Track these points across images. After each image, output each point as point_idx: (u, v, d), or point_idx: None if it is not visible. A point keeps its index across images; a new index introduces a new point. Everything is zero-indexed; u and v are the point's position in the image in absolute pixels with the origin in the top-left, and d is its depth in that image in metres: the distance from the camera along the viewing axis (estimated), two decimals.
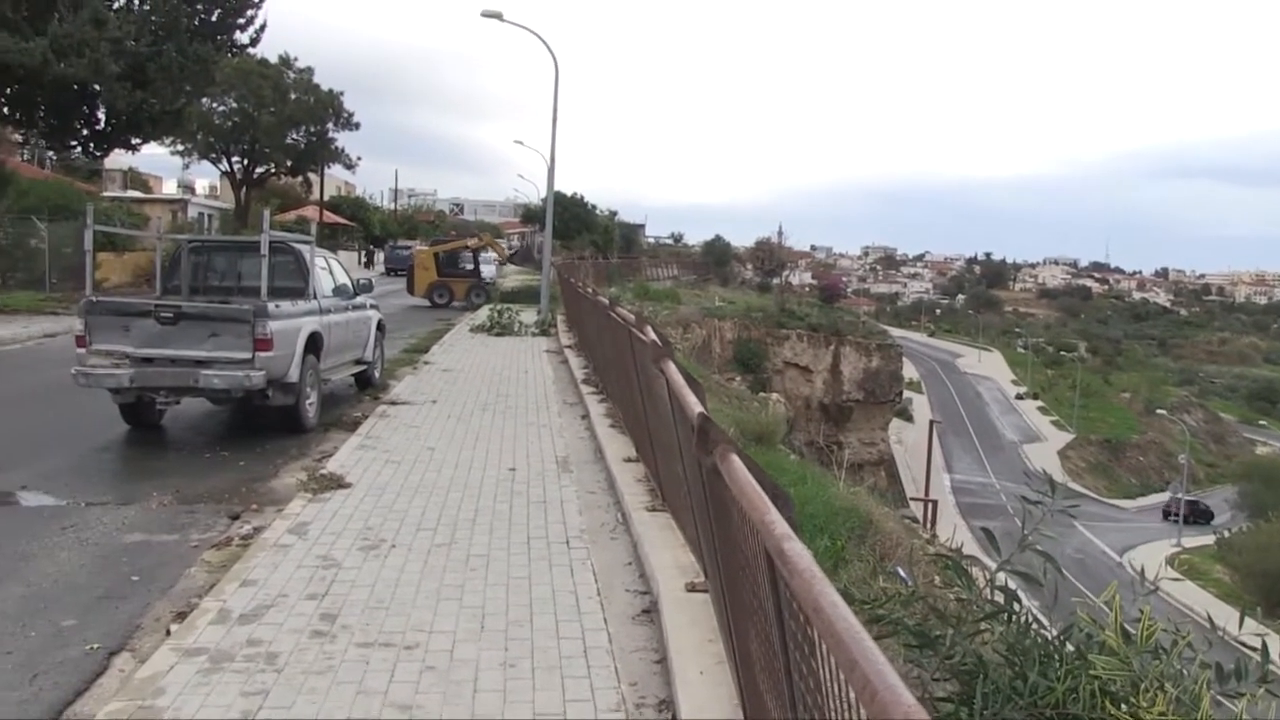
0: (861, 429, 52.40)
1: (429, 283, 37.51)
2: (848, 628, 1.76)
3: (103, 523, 8.11)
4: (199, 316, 11.26)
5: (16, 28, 24.72)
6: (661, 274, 69.26)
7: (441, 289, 37.61)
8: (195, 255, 13.65)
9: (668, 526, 7.22)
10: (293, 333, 11.69)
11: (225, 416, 13.14)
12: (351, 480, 9.13)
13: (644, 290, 45.33)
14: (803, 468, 13.21)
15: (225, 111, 55.04)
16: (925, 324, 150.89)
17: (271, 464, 10.44)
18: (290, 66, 57.45)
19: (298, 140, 58.15)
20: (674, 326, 32.43)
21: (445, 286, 37.74)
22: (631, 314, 10.51)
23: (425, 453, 10.59)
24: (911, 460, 62.26)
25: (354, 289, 14.67)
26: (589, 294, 17.77)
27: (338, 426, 12.41)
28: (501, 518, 8.05)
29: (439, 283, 37.65)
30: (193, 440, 11.84)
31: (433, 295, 37.18)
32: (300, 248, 13.27)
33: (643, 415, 8.54)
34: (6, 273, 30.19)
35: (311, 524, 7.66)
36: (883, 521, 9.94)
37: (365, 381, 15.54)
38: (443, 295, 37.42)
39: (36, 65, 24.45)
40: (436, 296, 37.20)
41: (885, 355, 54.22)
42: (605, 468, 9.92)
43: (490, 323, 26.37)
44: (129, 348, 11.18)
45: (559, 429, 12.36)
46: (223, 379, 11.00)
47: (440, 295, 37.36)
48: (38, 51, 24.31)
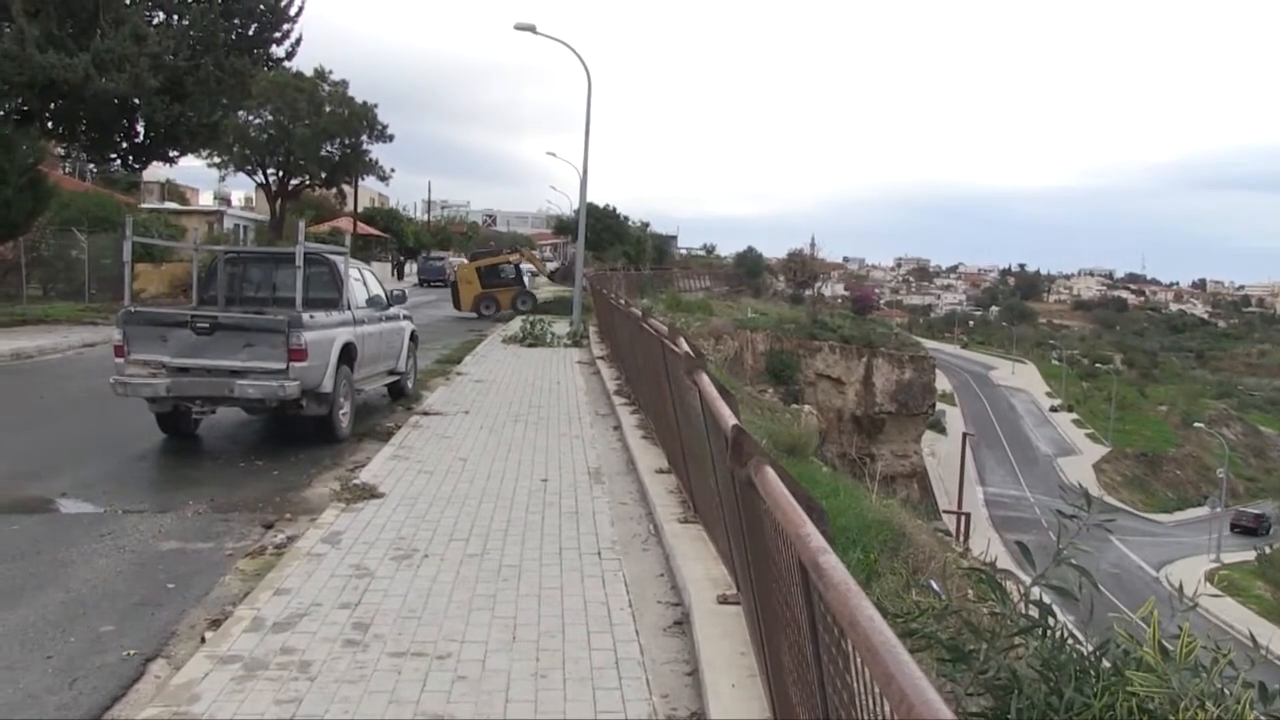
0: (894, 441, 52.12)
1: (474, 296, 37.87)
2: (884, 641, 1.75)
3: (140, 530, 8.19)
4: (234, 327, 11.36)
5: (62, 44, 25.13)
6: (693, 285, 69.21)
7: (488, 300, 37.93)
8: (231, 266, 13.77)
9: (699, 538, 7.20)
10: (327, 343, 11.77)
11: (260, 426, 13.23)
12: (384, 490, 9.17)
13: (676, 302, 45.29)
14: (835, 480, 13.16)
15: (261, 124, 55.55)
16: (958, 336, 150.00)
17: (305, 473, 10.50)
18: (325, 79, 57.97)
19: (332, 152, 58.59)
20: (706, 338, 32.37)
21: (491, 298, 38.07)
22: (664, 325, 10.50)
23: (458, 463, 10.62)
24: (944, 473, 61.86)
25: (387, 300, 14.76)
26: (621, 305, 17.79)
27: (371, 437, 12.46)
28: (533, 528, 8.05)
29: (484, 295, 37.97)
30: (228, 449, 11.94)
31: (480, 308, 37.51)
32: (334, 259, 13.36)
33: (675, 427, 8.53)
34: (48, 283, 30.63)
35: (344, 534, 7.70)
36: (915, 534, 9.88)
37: (398, 392, 15.61)
38: (489, 306, 37.73)
39: (79, 80, 24.85)
40: (484, 308, 37.51)
41: (918, 367, 53.91)
42: (637, 479, 9.91)
43: (522, 334, 26.44)
44: (166, 357, 11.30)
45: (591, 440, 12.36)
46: (257, 389, 11.08)
47: (487, 306, 37.67)
48: (80, 67, 24.71)
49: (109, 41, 25.55)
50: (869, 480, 16.18)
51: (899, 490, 34.24)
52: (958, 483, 53.61)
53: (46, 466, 10.43)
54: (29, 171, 24.41)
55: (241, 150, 55.26)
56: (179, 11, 29.05)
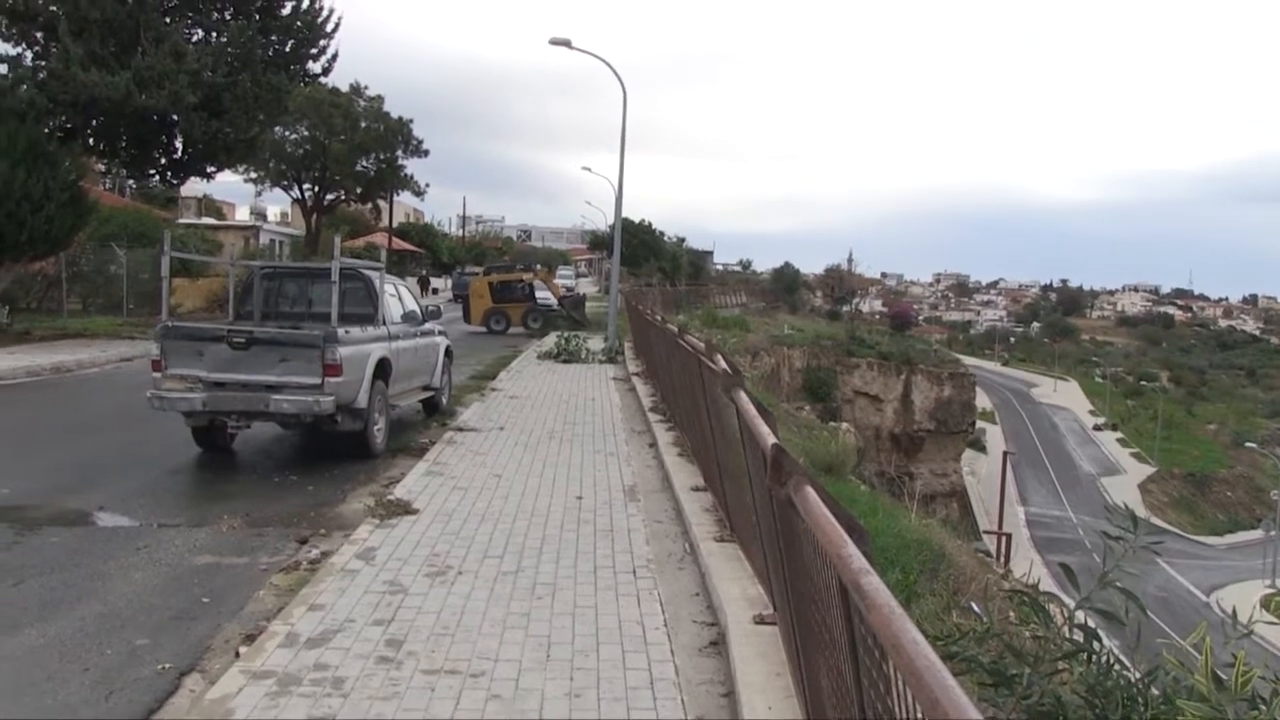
0: (933, 460, 51.79)
1: (485, 310, 37.98)
2: (929, 665, 1.73)
3: (175, 544, 8.27)
4: (270, 342, 11.46)
5: (104, 63, 25.58)
6: (730, 301, 69.22)
7: (498, 315, 38.04)
8: (267, 281, 13.91)
9: (736, 557, 7.18)
10: (362, 359, 11.86)
11: (295, 441, 13.34)
12: (419, 506, 9.20)
13: (712, 318, 45.30)
14: (873, 499, 13.09)
15: (297, 139, 56.13)
16: (999, 352, 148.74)
17: (339, 489, 10.57)
18: (361, 94, 58.53)
19: (367, 167, 59.11)
20: (742, 354, 32.31)
21: (501, 313, 38.18)
22: (700, 342, 10.49)
23: (492, 480, 10.65)
24: (985, 492, 61.32)
25: (422, 315, 14.85)
26: (657, 321, 17.80)
27: (405, 452, 12.53)
28: (568, 546, 8.06)
29: (495, 309, 38.08)
30: (262, 464, 12.04)
31: (489, 322, 37.64)
32: (370, 274, 13.47)
33: (711, 444, 8.51)
34: (87, 298, 31.10)
35: (379, 550, 7.73)
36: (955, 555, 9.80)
37: (433, 408, 15.69)
38: (499, 321, 37.85)
39: (120, 98, 25.30)
40: (493, 323, 37.64)
41: (958, 384, 53.60)
42: (673, 496, 9.89)
43: (557, 350, 26.50)
44: (202, 372, 11.43)
45: (626, 457, 12.37)
46: (292, 404, 11.18)
47: (497, 321, 37.80)
48: (121, 85, 25.15)
49: (149, 59, 25.98)
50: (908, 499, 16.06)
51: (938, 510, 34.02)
52: (998, 502, 53.12)
53: (84, 480, 10.57)
54: (71, 188, 24.82)
55: (277, 165, 55.88)
56: (217, 29, 29.48)
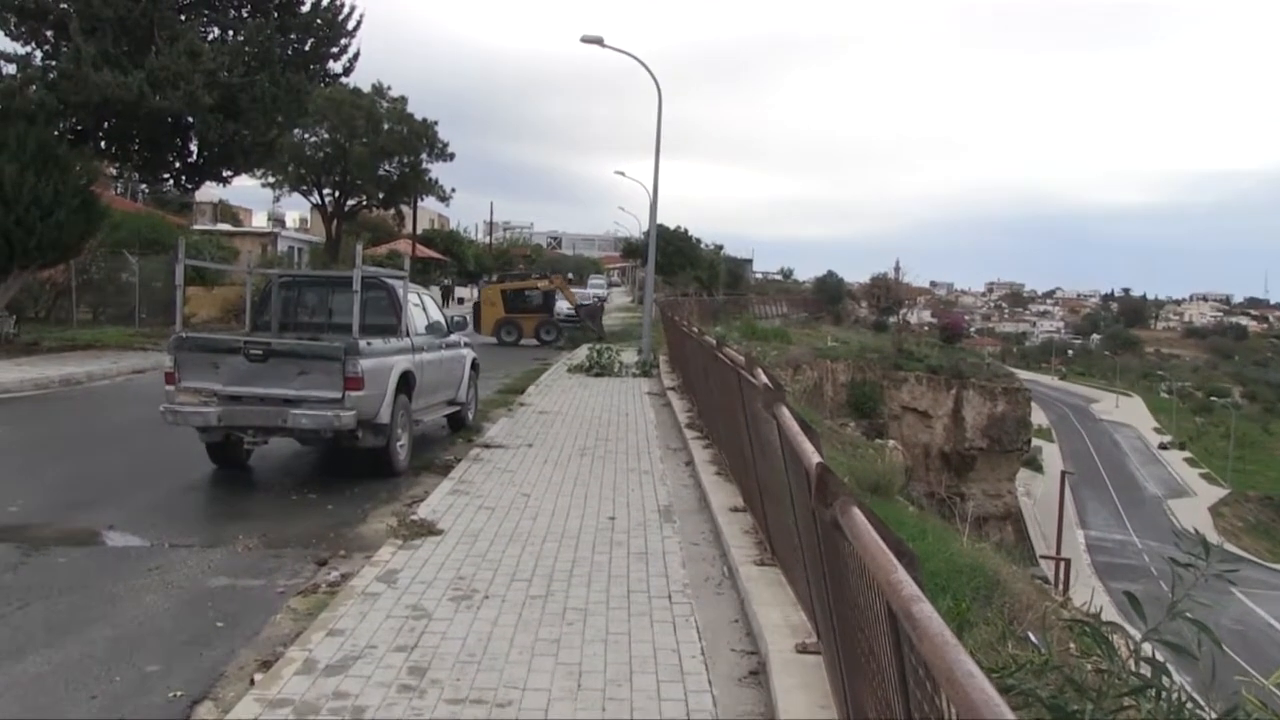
0: (986, 480, 51.37)
1: (496, 319, 37.89)
2: (984, 699, 1.71)
3: (188, 565, 8.33)
4: (288, 354, 11.54)
5: (117, 62, 25.80)
6: (770, 312, 69.07)
7: (509, 326, 37.99)
8: (285, 290, 14.02)
9: (777, 582, 7.15)
10: (384, 372, 11.92)
11: (314, 458, 13.42)
12: (443, 527, 9.24)
13: (751, 329, 45.18)
14: (923, 521, 13.01)
15: (317, 142, 56.55)
16: (1056, 366, 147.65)
17: (360, 508, 10.62)
18: (383, 95, 58.87)
19: (390, 171, 59.41)
20: (783, 368, 32.23)
21: (513, 323, 38.13)
22: (740, 355, 10.48)
23: (520, 499, 10.67)
24: (1041, 515, 60.76)
25: (448, 326, 14.91)
26: (694, 333, 17.77)
27: (429, 470, 12.59)
28: (600, 569, 8.06)
29: (506, 319, 38.03)
30: (280, 482, 12.11)
31: (500, 332, 37.57)
32: (393, 283, 13.55)
33: (751, 462, 8.49)
34: (98, 307, 31.44)
35: (401, 572, 7.76)
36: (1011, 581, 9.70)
37: (458, 423, 15.75)
38: (510, 332, 37.79)
39: (133, 99, 25.47)
40: (504, 334, 37.60)
41: (1012, 400, 53.14)
42: (710, 518, 9.88)
43: (589, 362, 26.59)
44: (217, 385, 11.52)
45: (661, 476, 12.36)
46: (311, 419, 11.24)
47: (508, 332, 37.75)
48: (135, 85, 25.33)
49: (163, 59, 26.20)
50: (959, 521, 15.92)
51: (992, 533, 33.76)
52: (1056, 525, 52.54)
53: (94, 497, 10.68)
54: (82, 193, 25.01)
55: (297, 170, 56.28)
56: (234, 27, 29.74)
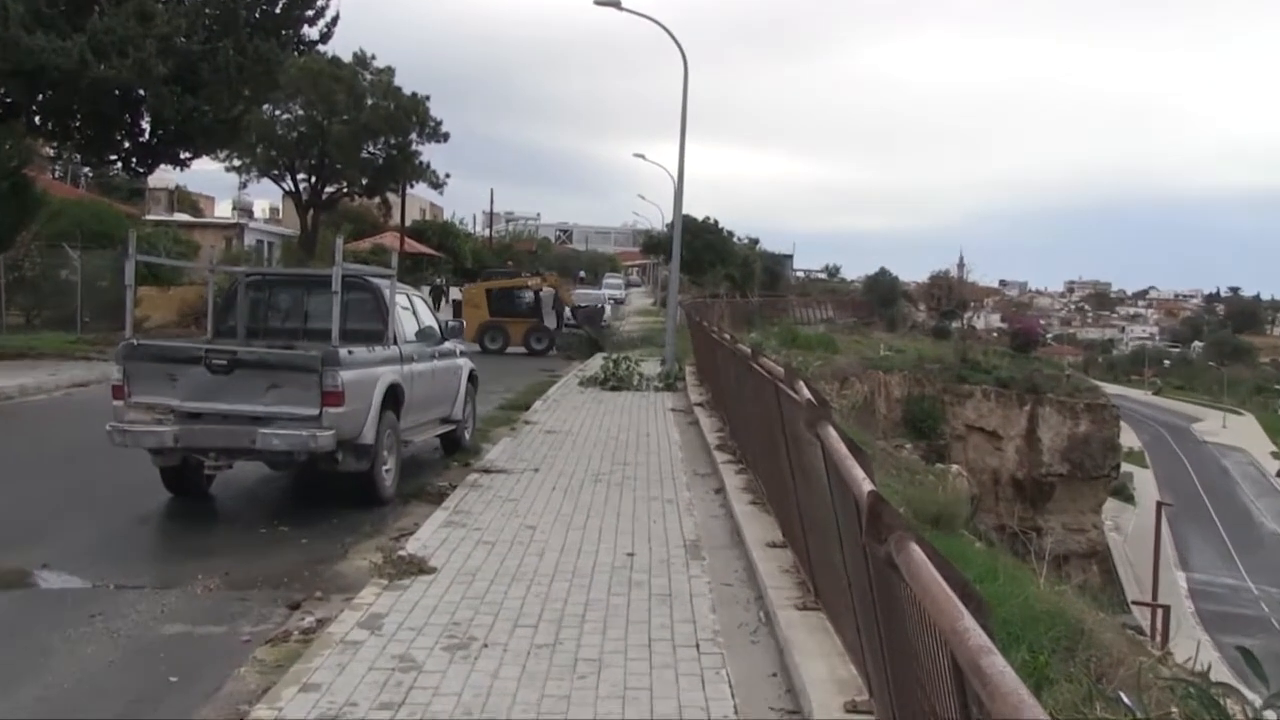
0: (1066, 511, 51.20)
1: (479, 323, 37.16)
2: None
3: (137, 610, 8.34)
4: (257, 364, 11.58)
5: (53, 24, 25.66)
6: (813, 316, 69.12)
7: (494, 331, 37.70)
8: (254, 291, 14.07)
9: (821, 629, 7.15)
10: (368, 385, 11.95)
11: (286, 484, 13.47)
12: (436, 564, 9.25)
13: (792, 336, 45.23)
14: (992, 559, 12.95)
15: (290, 120, 56.72)
16: (1149, 378, 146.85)
17: (339, 542, 10.64)
18: (367, 66, 59.03)
19: (375, 154, 59.53)
20: (829, 381, 32.25)
21: (499, 328, 37.90)
22: (778, 366, 10.48)
23: (525, 532, 10.68)
24: (1133, 553, 60.40)
25: (442, 333, 14.94)
26: (725, 340, 17.76)
27: (420, 498, 12.64)
28: (617, 614, 8.06)
29: (491, 324, 37.73)
30: (246, 512, 12.15)
31: (483, 338, 36.83)
32: (379, 283, 13.59)
33: (791, 490, 8.48)
34: (32, 310, 31.43)
35: (387, 616, 7.78)
36: (1098, 631, 9.66)
37: (454, 444, 15.80)
38: (495, 339, 37.51)
39: (73, 67, 25.30)
40: (488, 340, 37.09)
41: (1097, 418, 52.98)
42: (744, 554, 9.87)
43: (604, 374, 26.62)
44: (174, 400, 11.55)
45: (688, 505, 12.37)
46: (284, 439, 11.26)
47: (493, 339, 37.41)
48: (75, 51, 25.14)
49: (109, 21, 26.06)
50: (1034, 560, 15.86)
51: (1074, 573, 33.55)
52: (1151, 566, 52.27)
53: (26, 532, 10.68)
54: (12, 175, 24.93)
55: (266, 151, 56.44)
56: None
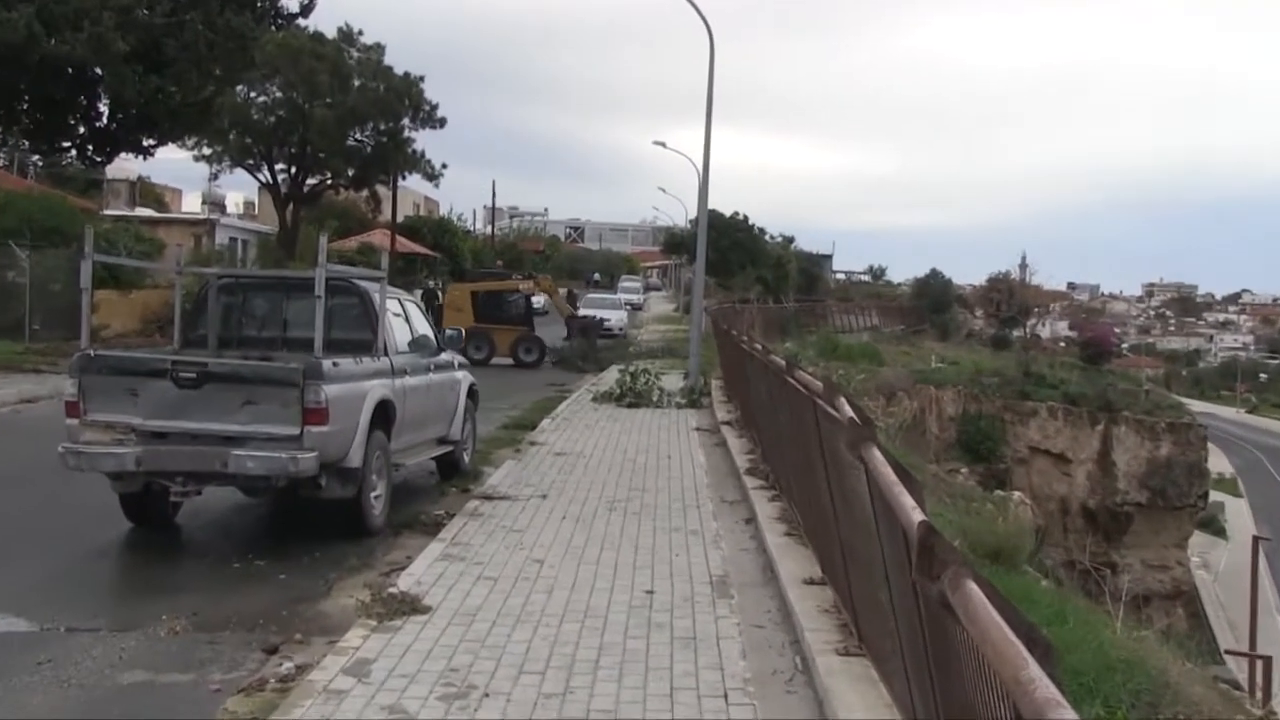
0: (1146, 545, 50.96)
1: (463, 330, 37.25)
2: None
3: (91, 656, 8.34)
4: (231, 378, 11.61)
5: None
6: (855, 323, 69.07)
7: (479, 339, 37.40)
8: (226, 296, 14.11)
9: (866, 678, 7.14)
10: (355, 401, 11.96)
11: (262, 513, 13.50)
12: (431, 602, 9.26)
13: (831, 346, 45.21)
14: (1060, 600, 12.92)
15: (266, 103, 56.71)
16: (1242, 394, 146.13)
17: (322, 578, 10.66)
18: (353, 43, 59.01)
19: (362, 142, 59.52)
20: (873, 396, 32.20)
21: (484, 335, 37.71)
22: (816, 380, 10.48)
23: (531, 566, 10.69)
24: (1225, 594, 59.99)
25: (438, 343, 14.95)
26: (756, 351, 17.76)
27: (413, 528, 12.65)
28: (635, 659, 8.05)
29: (476, 330, 37.54)
30: (217, 545, 12.17)
31: (466, 347, 36.87)
32: (367, 287, 13.62)
33: (832, 520, 8.47)
34: None
35: (375, 662, 7.79)
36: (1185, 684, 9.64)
37: (451, 468, 15.83)
38: (480, 347, 37.19)
39: (19, 41, 24.99)
40: (472, 349, 36.96)
41: (1181, 439, 52.76)
42: (778, 592, 9.87)
43: (620, 389, 26.71)
44: (136, 419, 11.56)
45: (714, 537, 12.37)
46: (260, 462, 11.27)
47: (477, 347, 37.06)
48: (21, 23, 24.83)
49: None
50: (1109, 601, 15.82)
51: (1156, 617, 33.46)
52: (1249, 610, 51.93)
53: None
54: None
55: (240, 139, 56.41)
56: None
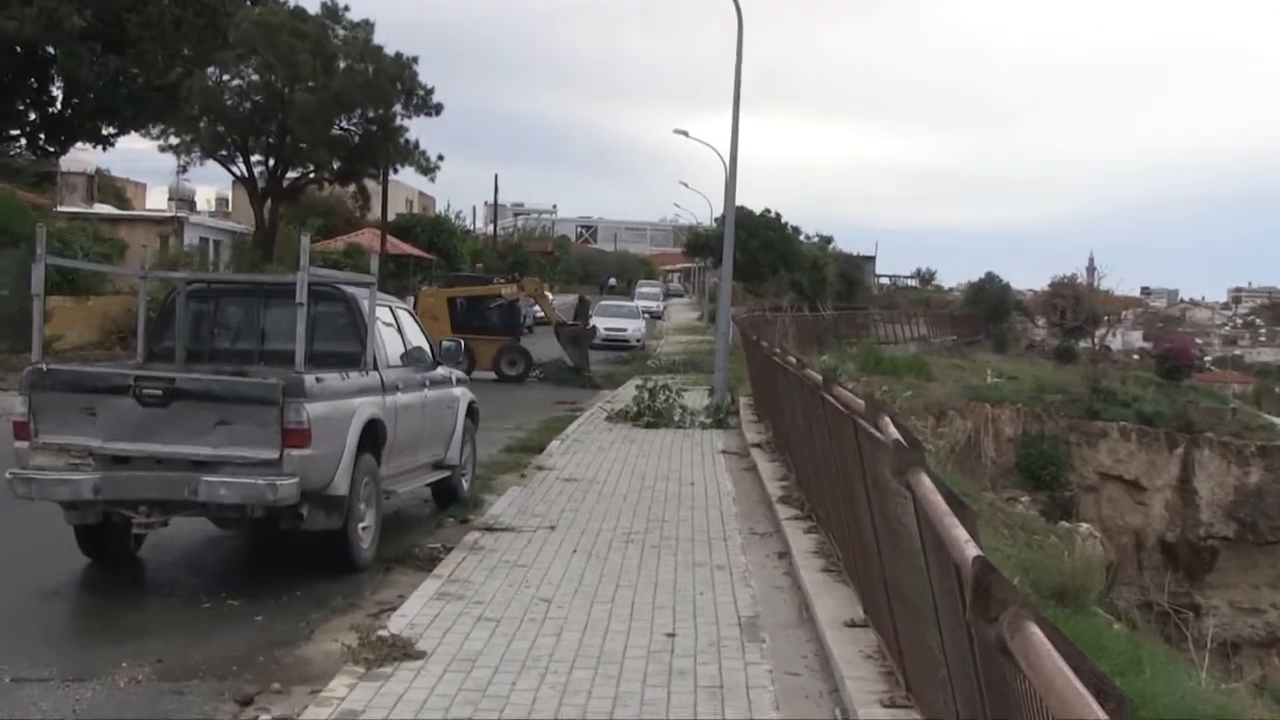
0: (1234, 585, 50.69)
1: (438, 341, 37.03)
2: None
3: (40, 709, 8.33)
4: (201, 395, 11.58)
5: None
6: (901, 333, 69.00)
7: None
8: (197, 303, 14.10)
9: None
10: (342, 421, 11.96)
11: (236, 547, 13.52)
12: (425, 647, 9.25)
13: (875, 359, 45.22)
14: (1135, 645, 12.90)
15: (241, 87, 56.84)
16: None
17: (304, 620, 10.65)
18: (338, 20, 59.10)
19: (349, 130, 59.63)
20: (921, 416, 32.20)
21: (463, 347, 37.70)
22: (858, 397, 10.47)
23: (538, 606, 10.69)
24: None
25: (434, 355, 14.96)
26: (790, 365, 17.74)
27: (405, 564, 12.65)
28: (654, 710, 8.05)
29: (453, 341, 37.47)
30: (185, 582, 12.17)
31: None
32: (355, 293, 13.61)
33: (876, 554, 8.46)
34: None
35: (363, 713, 7.79)
36: None
37: (448, 495, 15.84)
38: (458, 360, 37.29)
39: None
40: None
41: (1274, 464, 52.52)
42: (815, 635, 9.87)
43: (638, 408, 26.65)
44: (95, 441, 11.52)
45: (743, 573, 12.36)
46: (234, 489, 11.24)
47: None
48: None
49: None
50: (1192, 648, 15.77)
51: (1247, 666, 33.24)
52: None
53: None
54: None
55: (212, 127, 56.45)
56: None
